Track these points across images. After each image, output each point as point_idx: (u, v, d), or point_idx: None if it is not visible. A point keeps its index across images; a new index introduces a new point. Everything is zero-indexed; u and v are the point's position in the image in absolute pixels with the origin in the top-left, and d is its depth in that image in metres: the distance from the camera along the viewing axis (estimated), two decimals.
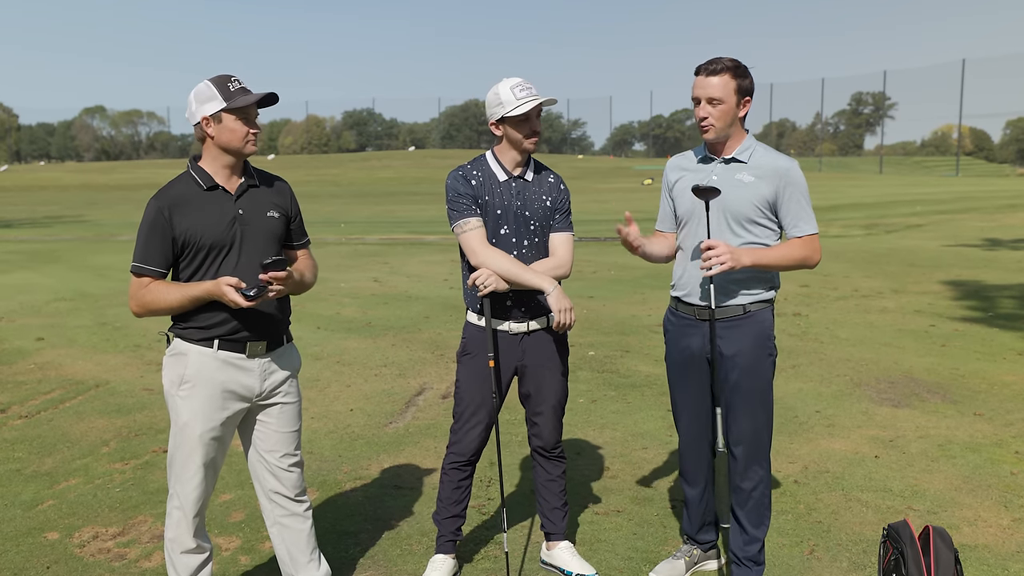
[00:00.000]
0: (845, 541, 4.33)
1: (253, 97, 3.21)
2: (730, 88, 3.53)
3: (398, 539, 4.43)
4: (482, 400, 3.87)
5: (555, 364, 3.93)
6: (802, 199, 3.61)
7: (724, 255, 3.44)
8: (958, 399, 6.71)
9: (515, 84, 3.67)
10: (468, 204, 3.74)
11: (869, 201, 32.54)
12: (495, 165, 3.82)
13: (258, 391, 3.38)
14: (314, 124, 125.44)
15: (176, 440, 3.33)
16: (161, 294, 3.20)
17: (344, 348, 8.85)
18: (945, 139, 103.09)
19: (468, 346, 3.90)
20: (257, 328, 3.33)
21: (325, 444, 5.87)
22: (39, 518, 4.71)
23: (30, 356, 8.58)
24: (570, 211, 3.93)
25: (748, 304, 3.67)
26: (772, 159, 3.62)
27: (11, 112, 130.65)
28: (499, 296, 3.75)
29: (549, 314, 3.88)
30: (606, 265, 15.20)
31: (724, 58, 3.56)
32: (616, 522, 4.62)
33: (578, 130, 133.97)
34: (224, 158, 3.29)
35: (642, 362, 8.06)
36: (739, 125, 3.64)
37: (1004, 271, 13.64)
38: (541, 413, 3.96)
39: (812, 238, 3.62)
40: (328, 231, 22.68)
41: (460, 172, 3.81)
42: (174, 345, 3.34)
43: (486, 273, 3.65)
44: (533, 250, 3.82)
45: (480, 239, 3.72)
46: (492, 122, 3.76)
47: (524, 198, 3.79)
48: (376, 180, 60.37)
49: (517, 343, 3.86)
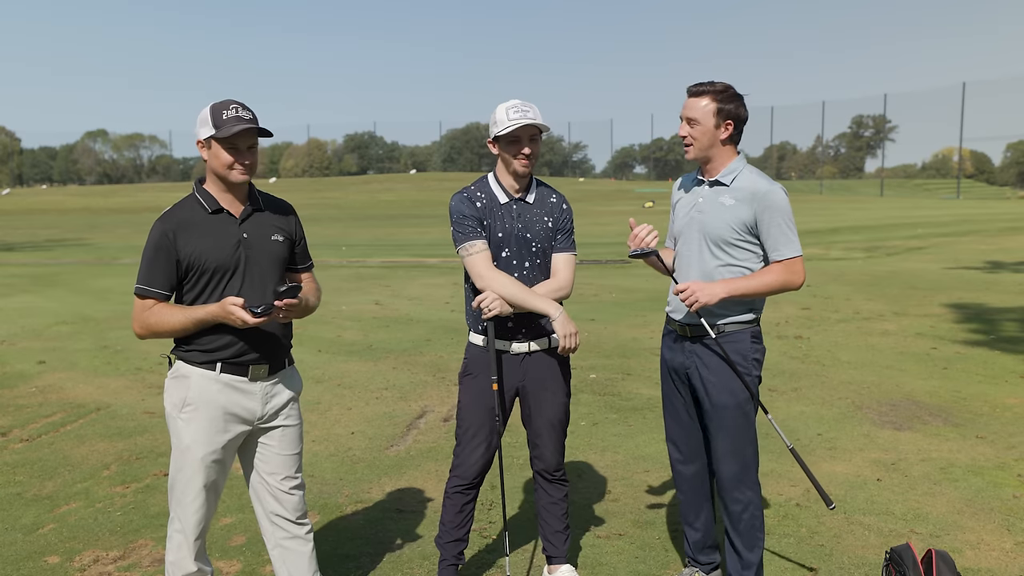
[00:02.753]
0: (847, 564, 4.32)
1: (239, 127, 3.16)
2: (709, 110, 3.61)
3: (399, 563, 4.42)
4: (483, 421, 3.86)
5: (557, 386, 3.94)
6: (782, 223, 3.60)
7: (693, 295, 3.53)
8: (960, 422, 6.70)
9: (511, 105, 3.71)
10: (473, 226, 3.76)
11: (870, 224, 32.59)
12: (496, 187, 3.84)
13: (260, 414, 3.38)
14: (315, 147, 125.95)
15: (177, 463, 3.34)
16: (165, 316, 3.21)
17: (345, 371, 8.85)
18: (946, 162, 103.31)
19: (470, 367, 3.91)
20: (260, 351, 3.34)
21: (326, 467, 5.87)
22: (40, 542, 4.70)
23: (31, 379, 8.58)
24: (573, 230, 3.95)
25: (723, 324, 3.70)
26: (752, 182, 3.65)
27: (13, 136, 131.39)
28: (501, 317, 3.76)
29: (551, 335, 3.89)
30: (607, 288, 15.22)
31: (716, 81, 3.65)
32: (618, 545, 4.60)
33: (579, 153, 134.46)
34: (220, 182, 3.31)
35: (644, 385, 8.05)
36: (722, 147, 3.69)
37: (1005, 294, 13.64)
38: (543, 435, 3.96)
39: (792, 261, 3.61)
40: (330, 254, 22.71)
41: (465, 194, 3.83)
42: (176, 367, 3.35)
43: (491, 296, 3.66)
44: (535, 271, 3.83)
45: (486, 262, 3.74)
46: (489, 140, 3.82)
47: (525, 220, 3.81)
48: (377, 203, 60.53)
49: (519, 363, 3.87)
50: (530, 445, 4.04)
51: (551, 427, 3.95)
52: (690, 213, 3.78)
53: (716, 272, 3.68)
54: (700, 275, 3.71)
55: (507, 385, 3.87)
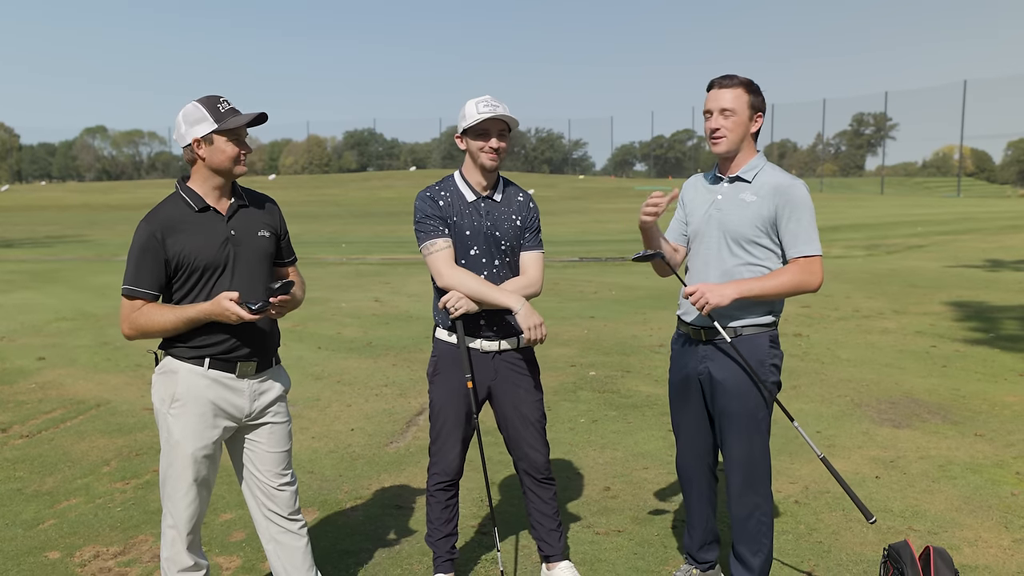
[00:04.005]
0: (846, 561, 4.32)
1: (244, 118, 3.21)
2: (743, 101, 3.52)
3: (398, 559, 4.43)
4: (457, 418, 3.85)
5: (528, 383, 3.91)
6: (803, 218, 3.50)
7: (703, 297, 3.43)
8: (959, 420, 6.71)
9: (480, 100, 3.70)
10: (436, 225, 3.75)
11: (870, 222, 32.59)
12: (463, 185, 3.83)
13: (247, 411, 3.39)
14: (315, 144, 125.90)
15: (168, 458, 3.33)
16: (155, 317, 3.19)
17: (345, 368, 8.85)
18: (946, 160, 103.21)
19: (440, 364, 3.88)
20: (248, 348, 3.34)
21: (326, 463, 5.87)
22: (40, 537, 4.71)
23: (31, 376, 8.59)
24: (540, 229, 3.94)
25: (740, 327, 3.60)
26: (775, 178, 3.54)
27: (12, 132, 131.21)
28: (472, 315, 3.75)
29: (520, 334, 3.87)
30: (607, 285, 15.22)
31: (737, 75, 3.57)
32: (616, 542, 4.61)
33: (579, 150, 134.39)
34: (214, 179, 3.29)
35: (643, 382, 8.06)
36: (750, 142, 3.61)
37: (1005, 292, 13.65)
38: (524, 435, 3.91)
39: (810, 260, 3.50)
40: (329, 251, 22.70)
41: (428, 193, 3.82)
42: (164, 363, 3.34)
43: (456, 296, 3.66)
44: (504, 269, 3.82)
45: (446, 260, 3.72)
46: (457, 135, 3.81)
47: (494, 218, 3.80)
48: (377, 200, 60.49)
49: (489, 361, 3.85)
50: (511, 449, 3.99)
51: (530, 425, 3.91)
52: (709, 211, 3.66)
53: (736, 271, 3.57)
54: (719, 274, 3.60)
55: (479, 382, 3.84)
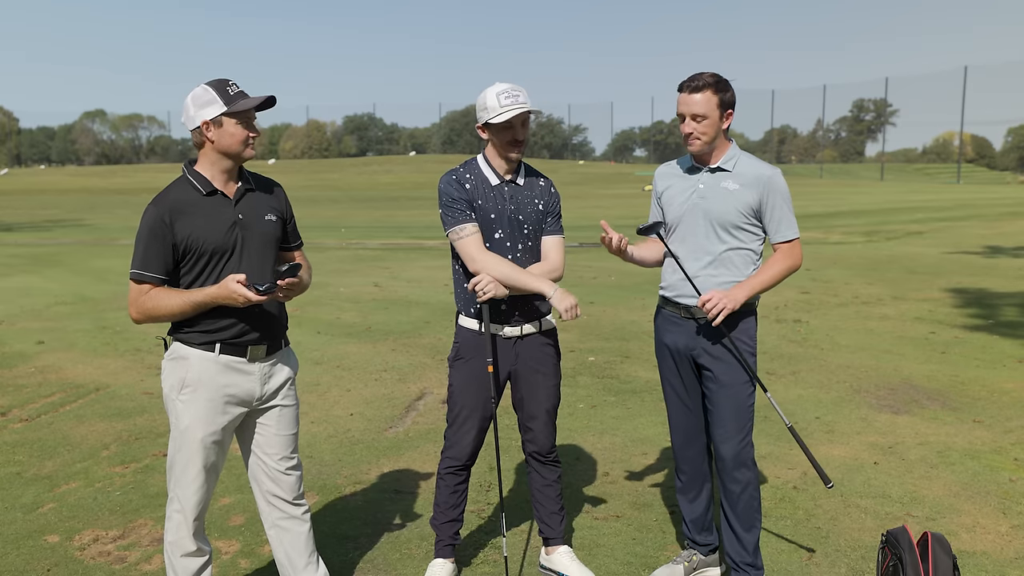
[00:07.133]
0: (844, 547, 4.34)
1: (253, 101, 3.21)
2: (712, 103, 3.66)
3: (398, 543, 4.44)
4: (476, 404, 3.87)
5: (548, 368, 3.95)
6: (784, 205, 3.74)
7: (720, 303, 3.60)
8: (957, 406, 6.71)
9: (502, 91, 3.65)
10: (463, 209, 3.74)
11: (870, 208, 32.56)
12: (487, 169, 3.82)
13: (258, 395, 3.38)
14: (315, 129, 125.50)
15: (176, 444, 3.33)
16: (162, 301, 3.17)
17: (344, 353, 8.85)
18: (947, 146, 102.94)
19: (462, 350, 3.90)
20: (258, 332, 3.34)
21: (325, 448, 5.88)
22: (39, 521, 4.71)
23: (31, 360, 8.59)
24: (561, 214, 3.95)
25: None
26: (755, 167, 3.76)
27: (11, 116, 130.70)
28: (495, 300, 3.75)
29: (542, 318, 3.90)
30: (606, 271, 15.21)
31: (705, 74, 3.68)
32: (615, 527, 4.62)
33: (579, 136, 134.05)
34: (223, 162, 3.27)
35: (642, 368, 8.06)
36: (723, 136, 3.77)
37: (1005, 279, 13.64)
38: (535, 418, 3.96)
39: (793, 244, 3.78)
40: (329, 236, 22.67)
41: (453, 176, 3.80)
42: (173, 349, 3.33)
43: (486, 279, 3.65)
44: (527, 254, 3.83)
45: (478, 245, 3.72)
46: (478, 125, 3.79)
47: (517, 202, 3.80)
48: (377, 185, 60.42)
49: (511, 347, 3.87)
50: (521, 429, 4.04)
51: (543, 409, 3.96)
52: (691, 199, 3.80)
53: (725, 256, 3.76)
54: (710, 259, 3.77)
55: (500, 368, 3.87)
